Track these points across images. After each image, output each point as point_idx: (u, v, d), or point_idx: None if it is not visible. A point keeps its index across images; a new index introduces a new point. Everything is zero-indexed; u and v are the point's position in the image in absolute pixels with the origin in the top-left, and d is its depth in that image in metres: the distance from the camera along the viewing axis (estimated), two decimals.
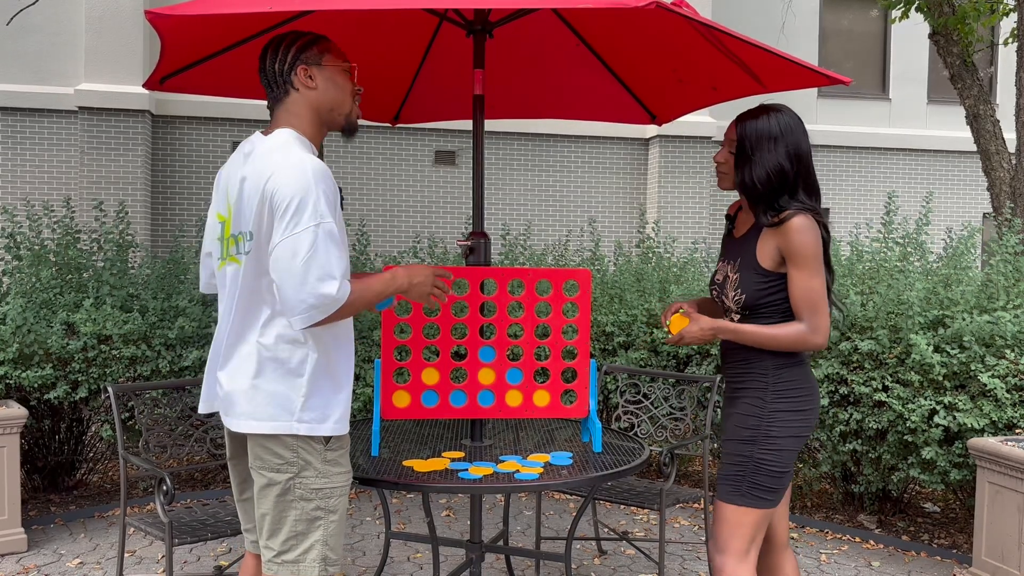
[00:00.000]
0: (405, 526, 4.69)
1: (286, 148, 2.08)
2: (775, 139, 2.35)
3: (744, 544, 2.42)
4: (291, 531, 2.13)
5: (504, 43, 3.37)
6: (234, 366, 2.16)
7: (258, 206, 2.05)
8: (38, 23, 9.89)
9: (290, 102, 2.17)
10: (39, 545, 4.27)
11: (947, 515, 4.96)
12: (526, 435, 3.10)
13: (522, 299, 2.93)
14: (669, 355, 5.23)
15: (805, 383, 2.44)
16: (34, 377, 4.49)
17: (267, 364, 2.10)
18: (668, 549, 4.39)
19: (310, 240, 1.97)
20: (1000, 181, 7.21)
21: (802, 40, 12.22)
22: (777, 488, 2.42)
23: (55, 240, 5.14)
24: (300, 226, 1.97)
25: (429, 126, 11.12)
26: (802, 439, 2.43)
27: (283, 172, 2.02)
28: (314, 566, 2.13)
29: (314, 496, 2.13)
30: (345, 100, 2.23)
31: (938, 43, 7.54)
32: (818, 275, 2.33)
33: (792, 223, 2.32)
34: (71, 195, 9.99)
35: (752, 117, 2.40)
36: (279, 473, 2.12)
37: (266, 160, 2.07)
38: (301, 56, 2.16)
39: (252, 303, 2.14)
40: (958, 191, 12.79)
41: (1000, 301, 4.47)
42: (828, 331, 2.36)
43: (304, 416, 2.10)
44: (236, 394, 2.14)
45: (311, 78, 2.16)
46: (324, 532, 2.14)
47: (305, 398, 2.10)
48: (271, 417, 2.09)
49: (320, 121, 2.21)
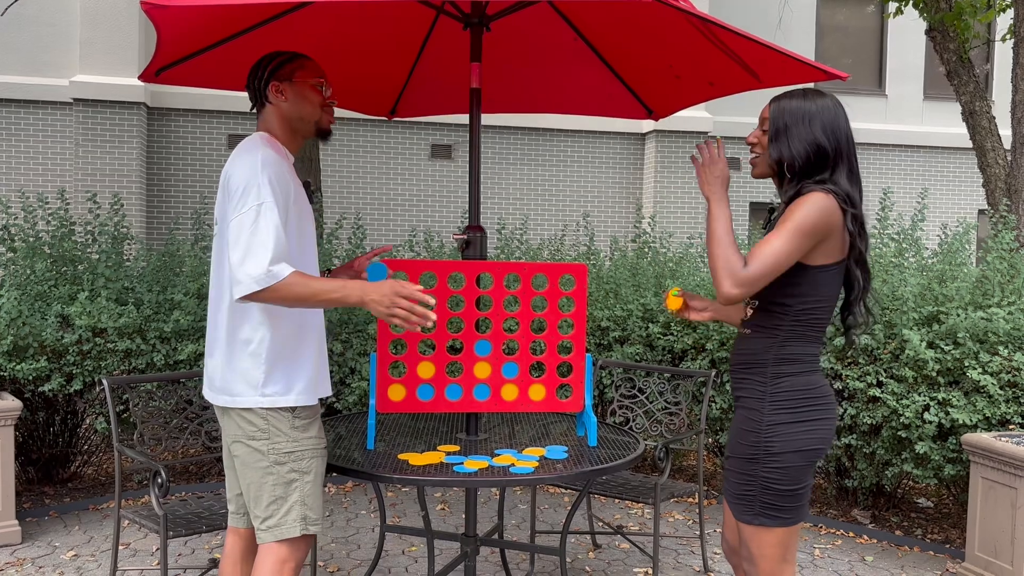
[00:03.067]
0: (400, 519, 4.69)
1: (248, 144, 2.35)
2: (810, 116, 2.19)
3: (773, 565, 2.27)
4: (271, 496, 2.33)
5: (501, 37, 3.36)
6: (212, 346, 2.42)
7: (220, 194, 2.34)
8: (33, 14, 9.85)
9: (265, 113, 2.47)
10: (33, 537, 4.27)
11: (940, 510, 4.98)
12: (521, 429, 3.10)
13: (518, 293, 2.93)
14: (664, 350, 5.24)
15: (809, 392, 2.24)
16: (28, 369, 4.48)
17: (233, 344, 2.33)
18: (663, 543, 4.40)
19: (251, 218, 2.19)
20: (995, 177, 7.22)
21: (799, 36, 12.21)
22: (794, 506, 2.24)
23: (50, 232, 5.13)
24: (245, 207, 2.21)
25: (425, 120, 11.10)
26: (813, 453, 2.23)
27: (236, 162, 2.29)
28: (295, 525, 2.34)
29: (287, 459, 2.33)
30: (313, 111, 2.48)
31: (935, 39, 7.54)
32: (789, 242, 2.11)
33: (808, 196, 2.15)
34: (66, 187, 9.96)
35: (787, 96, 2.25)
36: (254, 440, 2.33)
37: (233, 158, 2.35)
38: (275, 74, 2.43)
39: (221, 287, 2.38)
40: (954, 187, 12.81)
41: (995, 298, 4.48)
42: (748, 288, 2.12)
43: (267, 390, 2.31)
44: (214, 371, 2.40)
45: (281, 93, 2.43)
46: (301, 493, 2.35)
47: (266, 374, 2.31)
48: (240, 392, 2.32)
49: (291, 128, 2.47)
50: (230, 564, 2.57)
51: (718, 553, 4.28)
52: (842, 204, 2.16)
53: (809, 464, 2.24)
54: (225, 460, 2.57)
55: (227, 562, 2.58)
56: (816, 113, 2.20)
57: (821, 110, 2.20)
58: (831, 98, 2.23)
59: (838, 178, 2.19)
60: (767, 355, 2.26)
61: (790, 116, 2.21)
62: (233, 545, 2.58)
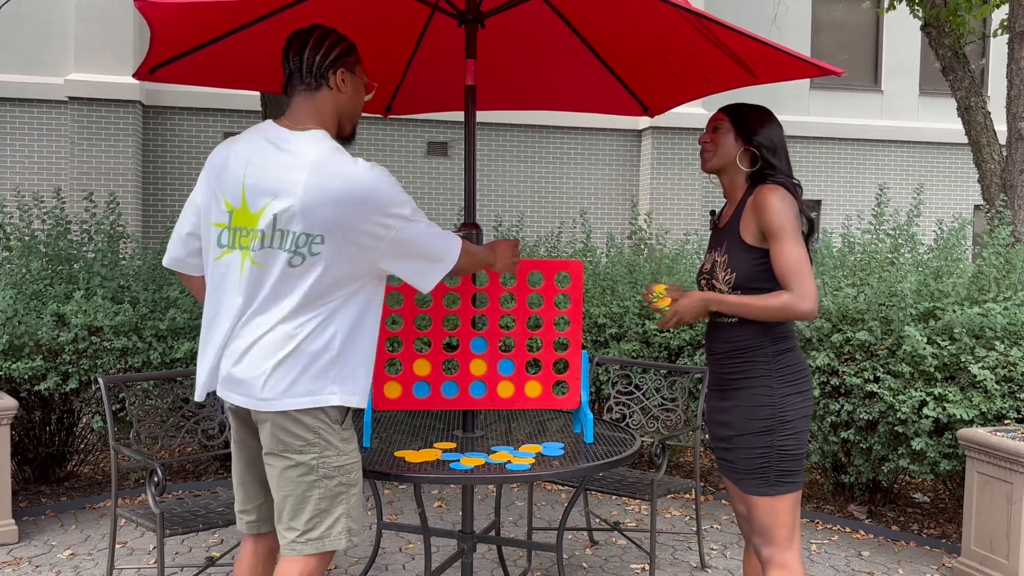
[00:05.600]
0: (397, 517, 4.69)
1: (342, 153, 2.17)
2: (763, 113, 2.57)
3: (787, 531, 2.46)
4: (315, 509, 2.22)
5: (496, 33, 3.36)
6: (254, 351, 2.17)
7: (338, 211, 2.11)
8: (27, 12, 9.82)
9: (319, 99, 2.25)
10: (30, 536, 4.26)
11: (936, 505, 4.99)
12: (518, 426, 3.10)
13: (514, 290, 2.93)
14: (661, 346, 5.24)
15: (802, 365, 2.49)
16: (24, 368, 4.47)
17: (293, 347, 2.15)
18: (659, 539, 4.41)
19: (424, 223, 2.23)
20: (991, 173, 7.22)
21: (794, 32, 12.21)
22: (800, 469, 2.47)
23: (45, 231, 5.12)
24: (415, 218, 2.21)
25: (421, 117, 11.09)
26: (809, 418, 2.50)
27: (366, 176, 2.14)
28: (341, 538, 2.26)
29: (336, 473, 2.24)
30: (359, 112, 2.37)
31: (930, 35, 7.54)
32: (798, 244, 2.36)
33: (767, 198, 2.39)
34: (61, 186, 9.94)
35: (743, 107, 2.59)
36: (302, 454, 2.20)
37: (333, 166, 2.13)
38: (343, 58, 2.26)
39: (280, 292, 2.17)
40: (949, 183, 12.82)
41: (991, 293, 4.49)
42: (816, 298, 2.35)
43: (334, 388, 2.19)
44: (257, 377, 2.16)
45: (344, 81, 2.26)
46: (347, 505, 2.27)
47: (335, 377, 2.20)
48: (305, 393, 2.17)
49: (337, 123, 2.32)
50: (248, 569, 2.47)
51: (715, 548, 4.29)
52: (792, 191, 2.45)
53: (808, 427, 2.54)
54: (244, 471, 2.42)
55: (244, 566, 2.47)
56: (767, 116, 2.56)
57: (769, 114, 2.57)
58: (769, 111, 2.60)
59: (783, 166, 2.50)
60: (763, 337, 2.46)
61: (755, 117, 2.55)
62: (254, 551, 2.47)
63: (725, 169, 2.57)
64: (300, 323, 2.17)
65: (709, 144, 2.59)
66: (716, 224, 2.66)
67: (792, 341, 2.49)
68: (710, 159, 2.59)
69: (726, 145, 2.54)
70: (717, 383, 2.58)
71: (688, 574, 3.96)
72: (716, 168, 2.58)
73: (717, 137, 2.57)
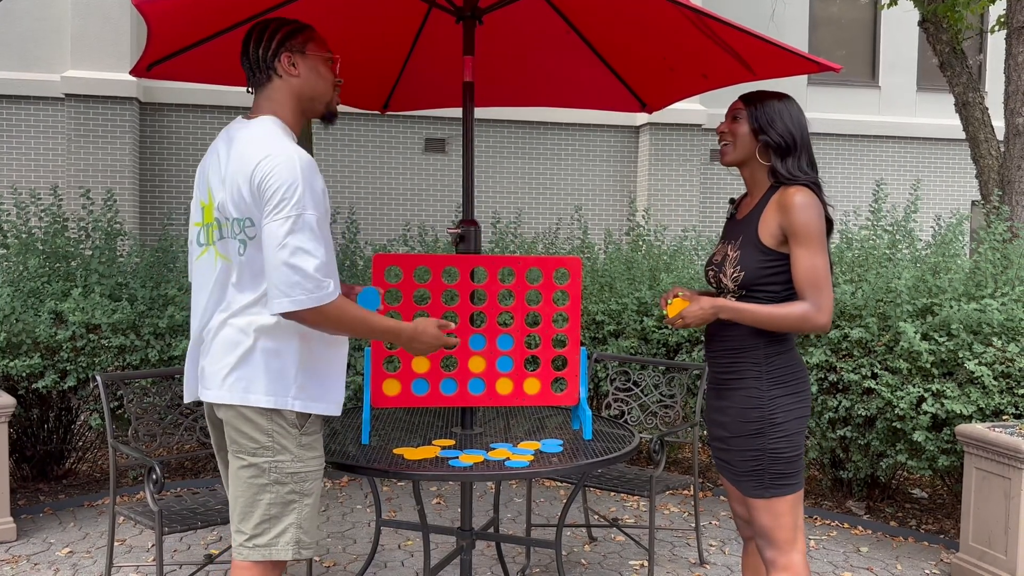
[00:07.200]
0: (396, 514, 4.69)
1: (272, 136, 2.10)
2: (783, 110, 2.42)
3: (788, 533, 2.41)
4: (264, 514, 2.16)
5: (494, 30, 3.36)
6: (216, 345, 2.18)
7: (248, 194, 2.07)
8: (24, 8, 9.80)
9: (272, 88, 2.21)
10: (28, 534, 4.26)
11: (934, 501, 5.00)
12: (516, 423, 3.10)
13: (512, 287, 2.93)
14: (659, 343, 5.24)
15: (796, 366, 2.43)
16: (22, 366, 4.47)
17: (251, 343, 2.13)
18: (658, 535, 4.41)
19: (288, 227, 2.00)
20: (988, 169, 7.23)
21: (792, 28, 12.21)
22: (797, 471, 2.42)
23: (43, 228, 5.11)
24: (282, 214, 2.01)
25: (419, 114, 11.08)
26: (805, 419, 2.43)
27: (271, 161, 2.04)
28: (287, 548, 2.16)
29: (289, 480, 2.16)
30: (326, 90, 2.27)
31: (928, 31, 7.54)
32: (822, 253, 2.29)
33: (795, 200, 2.29)
34: (58, 183, 9.92)
35: (762, 94, 2.46)
36: (255, 456, 2.14)
37: (252, 147, 2.09)
38: (286, 43, 2.19)
39: (242, 284, 2.15)
40: (947, 179, 12.83)
41: (988, 289, 4.49)
42: (832, 311, 2.30)
43: (295, 392, 2.14)
44: (218, 372, 2.16)
45: (294, 66, 2.20)
46: (298, 516, 2.17)
47: (295, 380, 2.14)
48: (263, 392, 2.12)
49: (300, 108, 2.25)
50: None
51: (713, 545, 4.29)
52: (817, 192, 2.35)
53: (804, 429, 2.44)
54: (225, 472, 2.40)
55: None
56: (786, 108, 2.42)
57: (790, 105, 2.43)
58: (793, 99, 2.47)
59: (803, 164, 2.39)
60: (758, 339, 2.41)
61: (771, 109, 2.41)
62: None
63: (746, 162, 2.45)
64: (256, 317, 2.13)
65: (727, 135, 2.46)
66: (734, 214, 2.57)
67: (789, 343, 2.43)
68: (729, 152, 2.46)
69: (744, 136, 2.42)
70: (714, 382, 2.54)
71: (687, 570, 3.97)
72: (735, 162, 2.46)
73: (736, 127, 2.44)
